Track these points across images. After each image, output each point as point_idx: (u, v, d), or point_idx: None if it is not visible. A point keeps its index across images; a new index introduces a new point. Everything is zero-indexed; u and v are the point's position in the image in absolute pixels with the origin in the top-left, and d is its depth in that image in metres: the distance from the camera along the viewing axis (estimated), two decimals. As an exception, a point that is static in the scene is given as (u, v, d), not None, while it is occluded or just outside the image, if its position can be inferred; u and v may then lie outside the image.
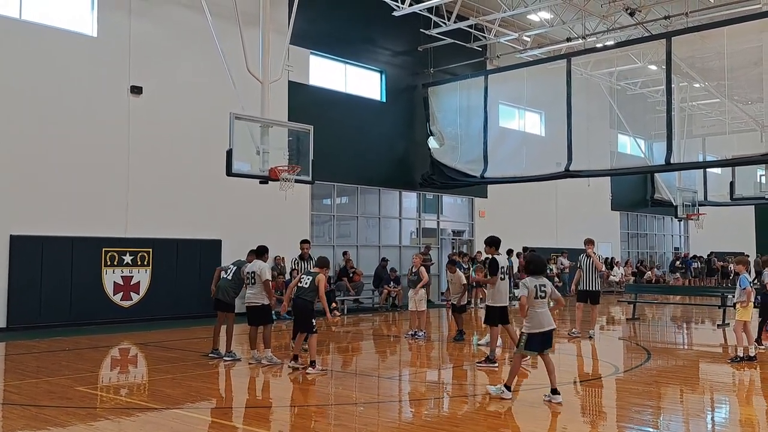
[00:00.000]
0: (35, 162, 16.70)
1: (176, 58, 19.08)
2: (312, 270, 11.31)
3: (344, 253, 22.90)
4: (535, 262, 8.95)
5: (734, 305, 12.74)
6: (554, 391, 8.49)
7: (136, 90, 18.22)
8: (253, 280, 11.78)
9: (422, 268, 15.72)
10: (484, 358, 11.64)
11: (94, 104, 17.59)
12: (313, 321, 10.94)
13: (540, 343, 8.63)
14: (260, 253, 12.13)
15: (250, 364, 11.57)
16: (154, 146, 18.52)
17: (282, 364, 11.40)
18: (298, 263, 15.80)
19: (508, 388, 8.65)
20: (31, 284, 16.45)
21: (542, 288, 8.65)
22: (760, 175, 28.52)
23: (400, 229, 25.76)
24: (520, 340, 8.73)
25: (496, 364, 11.37)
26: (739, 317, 12.06)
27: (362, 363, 13.13)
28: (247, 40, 15.36)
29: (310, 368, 10.72)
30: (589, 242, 15.78)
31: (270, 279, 11.87)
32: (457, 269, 15.41)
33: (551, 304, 8.84)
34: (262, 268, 11.75)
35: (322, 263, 11.31)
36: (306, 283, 10.94)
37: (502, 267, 11.67)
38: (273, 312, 12.13)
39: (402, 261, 24.90)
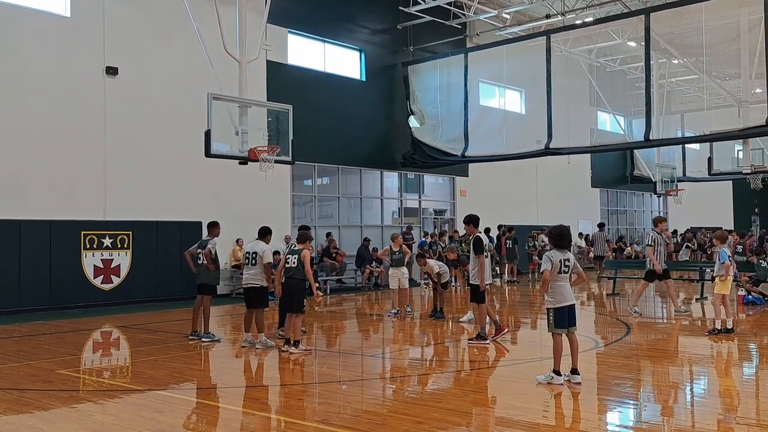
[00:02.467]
0: (10, 145, 16.49)
1: (152, 38, 18.85)
2: (295, 248, 11.00)
3: (328, 234, 22.84)
4: (562, 235, 8.50)
5: (713, 279, 12.89)
6: (574, 371, 8.32)
7: (112, 71, 18.00)
8: (253, 261, 11.48)
9: (404, 246, 15.89)
10: (475, 336, 11.70)
11: (69, 85, 17.37)
12: (304, 301, 10.89)
13: (566, 318, 8.36)
14: (262, 234, 11.86)
15: (242, 347, 11.44)
16: (132, 127, 18.34)
17: (274, 348, 11.21)
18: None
19: (557, 373, 8.30)
20: (9, 268, 16.29)
21: (566, 262, 8.35)
22: (738, 150, 28.73)
23: (381, 209, 25.76)
24: (549, 319, 8.44)
25: (488, 341, 11.44)
26: (718, 290, 12.20)
27: (346, 342, 13.16)
28: (224, 19, 15.17)
29: (293, 348, 10.70)
30: (662, 220, 15.91)
31: (272, 262, 11.66)
32: (427, 260, 15.62)
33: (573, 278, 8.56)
34: (264, 251, 11.48)
35: (304, 238, 11.06)
36: (293, 263, 10.77)
37: (486, 245, 11.72)
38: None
39: (384, 241, 24.90)
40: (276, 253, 18.89)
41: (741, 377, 9.48)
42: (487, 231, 22.31)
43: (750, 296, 16.82)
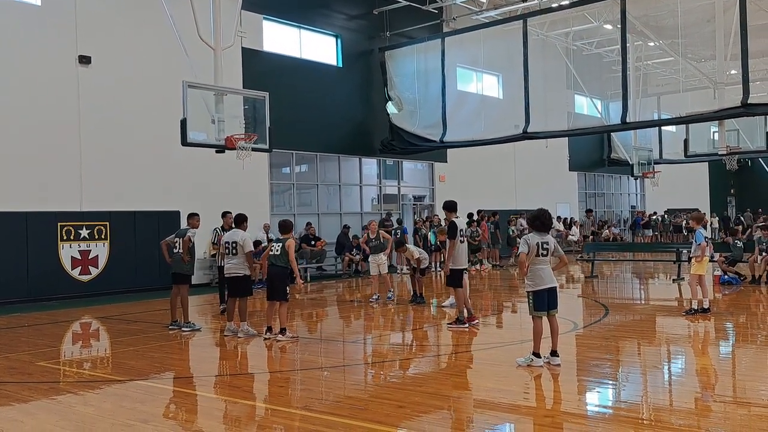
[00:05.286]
0: (-17, 136, 16.25)
1: (125, 26, 18.60)
2: (280, 237, 11.09)
3: (308, 224, 22.70)
4: (541, 218, 8.47)
5: (689, 259, 13.03)
6: (554, 353, 8.38)
7: (85, 60, 17.76)
8: (234, 251, 11.43)
9: (382, 231, 15.87)
10: (454, 320, 11.77)
11: (41, 75, 17.10)
12: (287, 289, 10.87)
13: (545, 301, 8.41)
14: (239, 222, 11.80)
15: (225, 335, 11.41)
16: (106, 117, 18.12)
17: (257, 336, 11.19)
18: (218, 234, 14.31)
19: (536, 355, 8.36)
20: (-15, 261, 16.12)
21: (544, 245, 8.35)
22: (714, 132, 28.98)
23: (361, 196, 25.74)
24: (528, 302, 8.50)
25: (467, 326, 11.50)
26: (694, 271, 12.34)
27: (327, 328, 13.17)
28: (198, 5, 15.05)
29: (280, 335, 10.71)
30: None
31: (253, 250, 11.65)
32: (408, 247, 15.61)
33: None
34: (245, 239, 11.43)
35: (286, 228, 11.11)
36: (277, 251, 10.80)
37: (461, 230, 11.78)
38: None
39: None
40: (258, 242, 18.96)
41: (717, 356, 9.61)
42: (470, 216, 22.53)
43: (726, 276, 17.04)
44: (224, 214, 13.55)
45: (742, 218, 38.03)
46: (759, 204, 40.29)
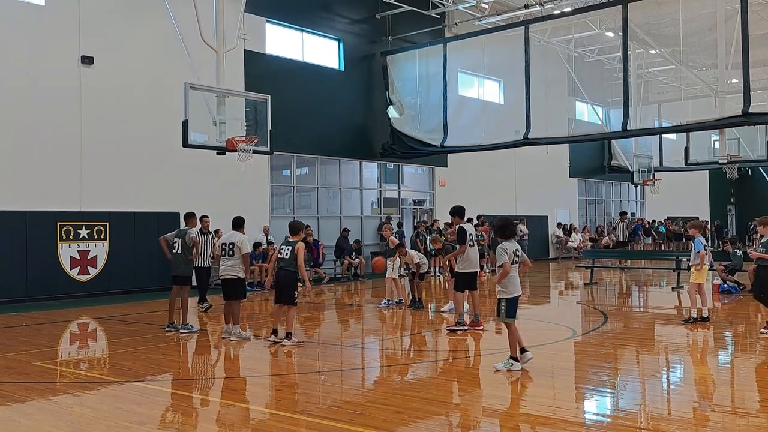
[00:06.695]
0: (-16, 135, 16.24)
1: (128, 27, 18.61)
2: (290, 239, 10.79)
3: (306, 227, 22.65)
4: (509, 226, 8.84)
5: (689, 268, 13.02)
6: (523, 350, 8.55)
7: (88, 60, 17.76)
8: (231, 252, 11.41)
9: (391, 238, 15.95)
10: (454, 324, 11.76)
11: (44, 75, 17.10)
12: (295, 293, 10.77)
13: (517, 307, 8.68)
14: (238, 224, 11.79)
15: (223, 338, 11.40)
16: (108, 117, 18.12)
17: (250, 339, 11.22)
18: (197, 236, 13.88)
19: (515, 359, 8.50)
20: (-16, 260, 16.09)
21: (517, 252, 8.66)
22: (714, 140, 29.01)
23: (361, 200, 25.73)
24: (500, 308, 8.60)
25: (466, 328, 11.50)
26: (694, 280, 12.33)
27: (325, 332, 13.14)
28: (201, 7, 15.08)
29: (286, 340, 10.62)
30: None
31: (251, 252, 11.63)
32: (408, 251, 15.57)
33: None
34: (242, 241, 11.42)
35: (296, 229, 10.89)
36: (286, 254, 10.60)
37: (470, 234, 11.84)
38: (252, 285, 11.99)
39: (363, 231, 24.93)
40: (258, 244, 19.01)
41: (716, 365, 9.59)
42: (468, 220, 22.52)
43: (725, 285, 17.02)
44: (203, 217, 13.34)
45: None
46: (759, 213, 40.25)
